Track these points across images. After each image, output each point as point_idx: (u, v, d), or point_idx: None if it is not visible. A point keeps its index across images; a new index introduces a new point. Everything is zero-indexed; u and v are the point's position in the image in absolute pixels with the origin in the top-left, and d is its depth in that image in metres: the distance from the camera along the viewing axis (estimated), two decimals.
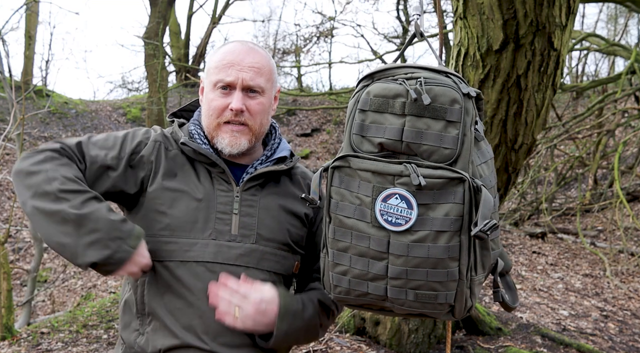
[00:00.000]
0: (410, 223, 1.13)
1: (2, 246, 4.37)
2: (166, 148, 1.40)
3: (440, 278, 1.14)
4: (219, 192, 1.37)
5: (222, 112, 1.38)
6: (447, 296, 1.15)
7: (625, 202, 5.87)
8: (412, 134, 1.14)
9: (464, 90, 1.15)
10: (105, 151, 1.35)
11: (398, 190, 1.14)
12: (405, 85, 1.15)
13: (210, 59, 1.45)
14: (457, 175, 1.11)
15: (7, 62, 11.27)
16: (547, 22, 2.34)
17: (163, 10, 13.73)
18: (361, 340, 3.64)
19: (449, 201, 1.12)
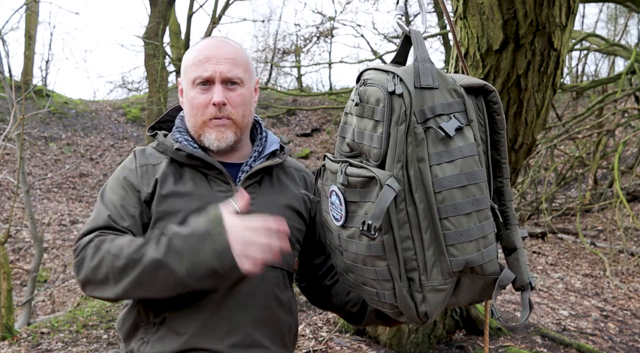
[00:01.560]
0: (342, 220, 1.19)
1: (2, 246, 4.37)
2: (153, 165, 1.38)
3: (372, 275, 1.17)
4: (218, 194, 1.35)
5: (205, 109, 1.37)
6: (386, 295, 1.16)
7: (625, 202, 5.87)
8: (357, 134, 1.20)
9: (390, 89, 1.12)
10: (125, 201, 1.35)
11: (334, 188, 1.21)
12: (356, 87, 1.21)
13: (185, 59, 1.44)
14: (370, 174, 1.12)
15: (7, 62, 11.28)
16: (547, 22, 2.34)
17: (163, 10, 13.73)
18: (361, 340, 3.64)
19: (369, 200, 1.12)
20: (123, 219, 1.31)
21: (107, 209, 1.33)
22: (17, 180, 4.79)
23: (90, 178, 10.98)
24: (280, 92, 16.24)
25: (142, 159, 1.40)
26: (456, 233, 1.11)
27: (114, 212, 1.32)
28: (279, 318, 1.37)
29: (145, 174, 1.37)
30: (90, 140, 12.21)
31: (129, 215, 1.32)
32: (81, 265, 1.25)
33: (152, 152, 1.42)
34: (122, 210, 1.33)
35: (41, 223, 7.79)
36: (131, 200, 1.34)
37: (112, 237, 1.26)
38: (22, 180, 4.75)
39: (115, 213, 1.32)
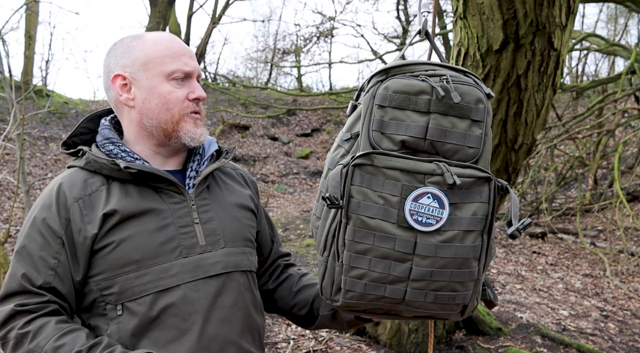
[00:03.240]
0: (441, 223, 1.11)
1: (2, 246, 4.37)
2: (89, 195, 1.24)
3: (463, 278, 1.14)
4: (173, 206, 1.27)
5: (183, 103, 1.30)
6: (465, 296, 1.16)
7: (625, 202, 5.87)
8: (436, 132, 1.11)
9: (486, 90, 1.15)
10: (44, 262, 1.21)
11: (431, 189, 1.10)
12: (429, 81, 1.12)
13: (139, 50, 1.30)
14: (485, 175, 1.12)
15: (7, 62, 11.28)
16: (547, 22, 2.34)
17: (163, 10, 13.74)
18: (361, 340, 3.64)
19: (476, 200, 1.12)
20: (40, 276, 1.19)
21: (22, 266, 1.21)
22: (17, 180, 4.80)
23: None
24: (280, 92, 16.23)
25: (74, 192, 1.24)
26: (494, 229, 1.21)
27: (31, 267, 1.20)
28: (257, 322, 1.36)
29: (85, 208, 1.23)
30: None
31: (48, 269, 1.20)
32: (4, 348, 1.19)
33: (80, 178, 1.27)
34: (40, 264, 1.20)
35: None
36: (51, 249, 1.21)
37: (35, 327, 1.15)
38: (22, 180, 4.75)
39: (32, 269, 1.20)
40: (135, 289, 1.21)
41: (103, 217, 1.21)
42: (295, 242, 6.65)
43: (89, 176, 1.27)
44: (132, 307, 1.21)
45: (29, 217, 1.26)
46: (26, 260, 1.21)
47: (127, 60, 1.30)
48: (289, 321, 1.71)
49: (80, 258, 1.22)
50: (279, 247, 1.58)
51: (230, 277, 1.30)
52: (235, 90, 15.86)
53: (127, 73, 1.30)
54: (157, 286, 1.22)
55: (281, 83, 20.51)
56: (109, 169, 1.25)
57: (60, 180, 1.27)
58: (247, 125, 14.00)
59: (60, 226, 1.21)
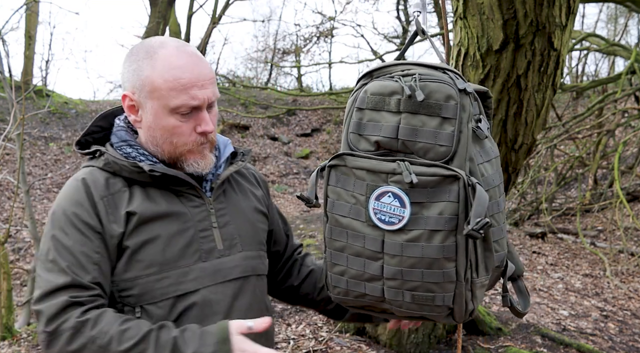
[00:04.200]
0: (403, 222, 1.11)
1: (2, 246, 4.37)
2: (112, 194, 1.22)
3: (436, 279, 1.11)
4: (192, 209, 1.26)
5: (189, 137, 1.24)
6: (445, 298, 1.12)
7: (625, 202, 5.87)
8: (407, 132, 1.12)
9: (460, 86, 1.11)
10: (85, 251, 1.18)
11: (391, 188, 1.12)
12: (400, 82, 1.12)
13: (148, 75, 1.22)
14: (451, 173, 1.08)
15: (7, 62, 11.28)
16: (547, 22, 2.34)
17: (163, 10, 13.74)
18: (361, 340, 3.64)
19: (443, 199, 1.09)
20: (86, 271, 1.16)
21: (64, 259, 1.16)
22: (17, 180, 4.80)
23: None
24: (280, 92, 16.23)
25: (98, 189, 1.21)
26: (499, 230, 1.16)
27: (74, 262, 1.16)
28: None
29: (109, 207, 1.20)
30: None
31: (92, 265, 1.17)
32: (53, 343, 1.11)
33: (102, 177, 1.24)
34: (84, 259, 1.16)
35: (41, 224, 7.79)
36: (92, 244, 1.18)
37: (94, 315, 1.12)
38: (22, 180, 4.75)
39: (75, 264, 1.16)
40: (156, 292, 1.20)
41: (126, 216, 1.20)
42: None
43: (110, 176, 1.24)
44: (152, 310, 1.20)
45: (56, 213, 1.21)
46: (67, 257, 1.16)
47: (136, 81, 1.24)
48: (289, 322, 1.71)
49: (112, 256, 1.20)
50: (292, 240, 1.59)
51: (247, 281, 1.30)
52: (235, 90, 15.86)
53: (135, 95, 1.25)
54: (177, 290, 1.21)
55: (281, 83, 20.52)
56: (129, 171, 1.23)
57: (83, 176, 1.23)
58: (247, 125, 14.00)
59: (96, 221, 1.19)
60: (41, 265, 1.18)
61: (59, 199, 1.23)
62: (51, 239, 1.19)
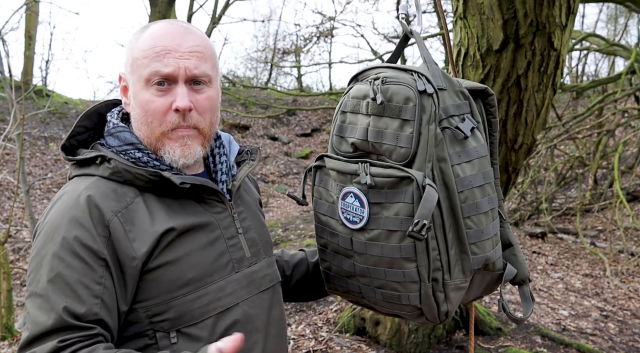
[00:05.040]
0: (364, 222, 1.14)
1: (2, 246, 4.37)
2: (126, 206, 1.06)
3: (398, 278, 1.13)
4: (216, 216, 1.14)
5: (165, 117, 1.09)
6: (410, 298, 1.13)
7: (625, 202, 5.87)
8: (374, 134, 1.14)
9: (420, 88, 1.10)
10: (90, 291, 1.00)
11: (352, 189, 1.16)
12: (370, 85, 1.15)
13: (132, 48, 1.11)
14: (405, 175, 1.09)
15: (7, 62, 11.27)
16: (547, 22, 2.34)
17: (163, 10, 13.74)
18: (361, 340, 3.64)
19: (399, 200, 1.10)
20: (84, 305, 0.98)
21: (59, 297, 0.98)
22: (17, 180, 4.79)
23: None
24: (280, 92, 16.23)
25: (110, 205, 1.04)
26: (477, 232, 1.14)
27: (71, 298, 0.98)
28: (286, 331, 1.30)
29: (126, 223, 1.04)
30: None
31: (93, 298, 0.99)
32: None
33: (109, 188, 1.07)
34: (83, 292, 0.99)
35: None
36: (94, 274, 1.00)
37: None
38: (22, 180, 4.75)
39: (72, 298, 0.98)
40: (195, 313, 1.07)
41: (154, 234, 1.04)
42: (295, 241, 6.65)
43: (117, 186, 1.07)
44: (192, 332, 1.07)
45: (51, 236, 1.02)
46: (64, 290, 0.98)
47: (125, 58, 1.14)
48: (289, 322, 1.69)
49: (128, 282, 1.03)
50: None
51: (275, 289, 1.24)
52: (235, 90, 15.85)
53: (124, 75, 1.15)
54: (217, 307, 1.09)
55: (281, 83, 20.53)
56: (146, 181, 1.07)
57: (86, 191, 1.05)
58: (247, 125, 14.00)
59: (100, 245, 1.01)
60: (30, 297, 1.01)
61: (56, 216, 1.05)
62: (44, 265, 1.01)
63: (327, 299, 4.34)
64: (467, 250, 1.14)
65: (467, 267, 1.14)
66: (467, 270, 1.15)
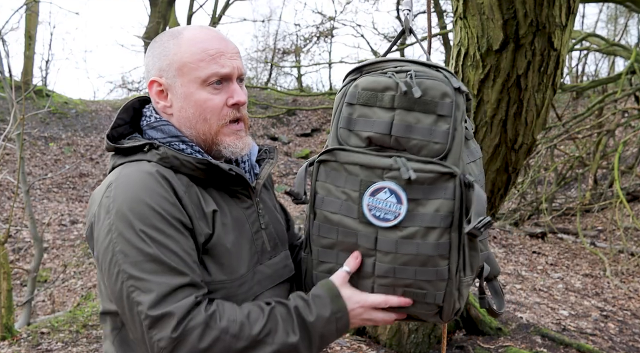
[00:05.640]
0: (399, 219, 1.09)
1: (2, 246, 4.37)
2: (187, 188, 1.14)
3: (430, 276, 1.10)
4: (245, 211, 1.22)
5: (221, 111, 1.19)
6: (437, 296, 1.11)
7: (625, 202, 5.87)
8: (401, 128, 1.10)
9: (455, 85, 1.11)
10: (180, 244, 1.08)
11: (387, 184, 1.09)
12: (395, 78, 1.11)
13: (175, 53, 1.19)
14: (448, 170, 1.07)
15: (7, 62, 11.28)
16: (547, 22, 2.34)
17: (163, 10, 13.75)
18: (361, 340, 3.64)
19: (440, 197, 1.08)
20: (193, 271, 1.08)
21: (170, 259, 1.06)
22: (17, 180, 4.80)
23: (90, 178, 10.98)
24: (280, 92, 16.23)
25: (177, 184, 1.12)
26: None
27: (180, 262, 1.06)
28: None
29: (192, 203, 1.12)
30: (90, 140, 12.21)
31: (195, 264, 1.09)
32: (181, 346, 1.02)
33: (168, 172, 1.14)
34: (188, 258, 1.08)
35: (41, 223, 7.79)
36: (189, 242, 1.10)
37: (217, 307, 1.06)
38: (22, 180, 4.76)
39: (183, 264, 1.07)
40: (238, 298, 1.15)
41: (212, 215, 1.14)
42: None
43: (173, 172, 1.14)
44: None
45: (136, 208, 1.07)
46: (171, 257, 1.06)
47: (163, 63, 1.20)
48: None
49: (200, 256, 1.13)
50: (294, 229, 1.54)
51: (291, 281, 1.31)
52: None
53: (163, 79, 1.21)
54: (251, 294, 1.18)
55: (281, 83, 20.53)
56: (192, 169, 1.14)
57: (153, 168, 1.11)
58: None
59: (186, 218, 1.09)
60: (134, 265, 1.05)
61: (130, 192, 1.08)
62: (143, 237, 1.06)
63: None
64: (477, 247, 1.14)
65: (475, 264, 1.15)
66: (475, 267, 1.15)
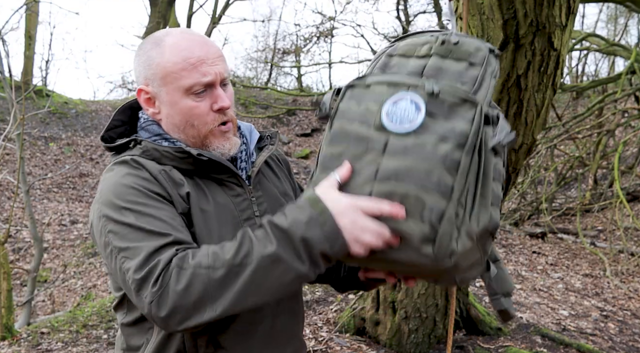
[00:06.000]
0: (415, 126, 1.08)
1: (2, 246, 4.37)
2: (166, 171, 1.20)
3: (431, 185, 1.05)
4: (234, 199, 1.25)
5: (207, 117, 1.23)
6: (433, 212, 1.05)
7: (625, 202, 5.88)
8: (432, 70, 1.14)
9: (491, 47, 1.17)
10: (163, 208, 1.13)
11: (410, 95, 1.11)
12: (435, 35, 1.18)
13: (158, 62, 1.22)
14: (470, 98, 1.08)
15: (7, 62, 11.29)
16: (547, 22, 2.34)
17: (163, 10, 13.75)
18: (361, 340, 3.64)
19: (459, 118, 1.08)
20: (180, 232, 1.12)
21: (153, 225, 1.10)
22: (17, 180, 4.80)
23: (90, 178, 10.99)
24: (280, 92, 16.24)
25: (151, 167, 1.18)
26: (496, 197, 1.14)
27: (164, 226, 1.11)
28: (302, 310, 1.39)
29: (168, 181, 1.17)
30: (90, 140, 12.21)
31: (182, 227, 1.13)
32: (163, 296, 1.03)
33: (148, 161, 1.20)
34: (174, 223, 1.12)
35: (41, 223, 7.79)
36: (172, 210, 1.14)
37: (192, 250, 1.07)
38: (22, 180, 4.76)
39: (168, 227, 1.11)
40: None
41: (187, 196, 1.17)
42: None
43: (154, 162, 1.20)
44: None
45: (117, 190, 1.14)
46: (156, 223, 1.10)
47: (147, 72, 1.24)
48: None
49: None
50: None
51: None
52: (235, 90, 15.83)
53: (149, 87, 1.25)
54: None
55: (281, 83, 20.53)
56: (172, 158, 1.20)
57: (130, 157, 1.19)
58: None
59: (165, 192, 1.15)
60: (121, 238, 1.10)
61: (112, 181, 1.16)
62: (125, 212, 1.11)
63: (327, 299, 4.35)
64: (488, 205, 1.12)
65: (483, 219, 1.11)
66: (482, 222, 1.11)
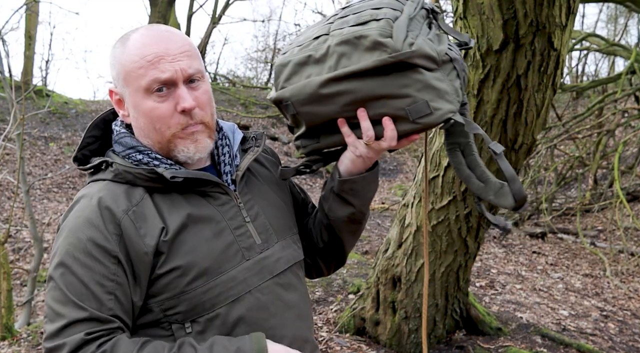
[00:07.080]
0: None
1: (2, 246, 4.37)
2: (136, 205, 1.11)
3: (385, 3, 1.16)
4: (221, 208, 1.18)
5: (171, 119, 1.13)
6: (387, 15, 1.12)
7: (625, 202, 5.87)
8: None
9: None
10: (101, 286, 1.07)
11: None
12: None
13: (120, 62, 1.14)
14: None
15: (7, 62, 11.29)
16: (547, 22, 2.34)
17: (163, 10, 13.75)
18: (361, 340, 3.64)
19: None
20: (100, 303, 1.05)
21: (75, 293, 1.05)
22: (17, 180, 4.80)
23: None
24: None
25: (120, 205, 1.09)
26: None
27: (86, 294, 1.05)
28: (309, 311, 1.32)
29: (137, 220, 1.09)
30: None
31: (106, 294, 1.06)
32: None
33: (120, 189, 1.12)
34: (97, 290, 1.05)
35: (41, 223, 7.79)
36: (106, 270, 1.06)
37: (109, 346, 1.03)
38: (22, 180, 4.76)
39: (88, 296, 1.05)
40: (206, 304, 1.11)
41: (160, 231, 1.09)
42: None
43: (128, 188, 1.13)
44: (205, 322, 1.12)
45: (67, 237, 1.09)
46: (78, 289, 1.05)
47: (113, 72, 1.17)
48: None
49: (142, 277, 1.09)
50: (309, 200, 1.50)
51: (292, 271, 1.25)
52: (235, 90, 15.85)
53: (118, 88, 1.18)
54: (229, 296, 1.13)
55: None
56: (146, 179, 1.13)
57: (99, 195, 1.10)
58: (247, 125, 13.99)
59: (113, 243, 1.07)
60: (51, 293, 1.07)
61: (72, 219, 1.11)
62: (61, 266, 1.07)
63: (327, 299, 4.35)
64: (445, 41, 1.18)
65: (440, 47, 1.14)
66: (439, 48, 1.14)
